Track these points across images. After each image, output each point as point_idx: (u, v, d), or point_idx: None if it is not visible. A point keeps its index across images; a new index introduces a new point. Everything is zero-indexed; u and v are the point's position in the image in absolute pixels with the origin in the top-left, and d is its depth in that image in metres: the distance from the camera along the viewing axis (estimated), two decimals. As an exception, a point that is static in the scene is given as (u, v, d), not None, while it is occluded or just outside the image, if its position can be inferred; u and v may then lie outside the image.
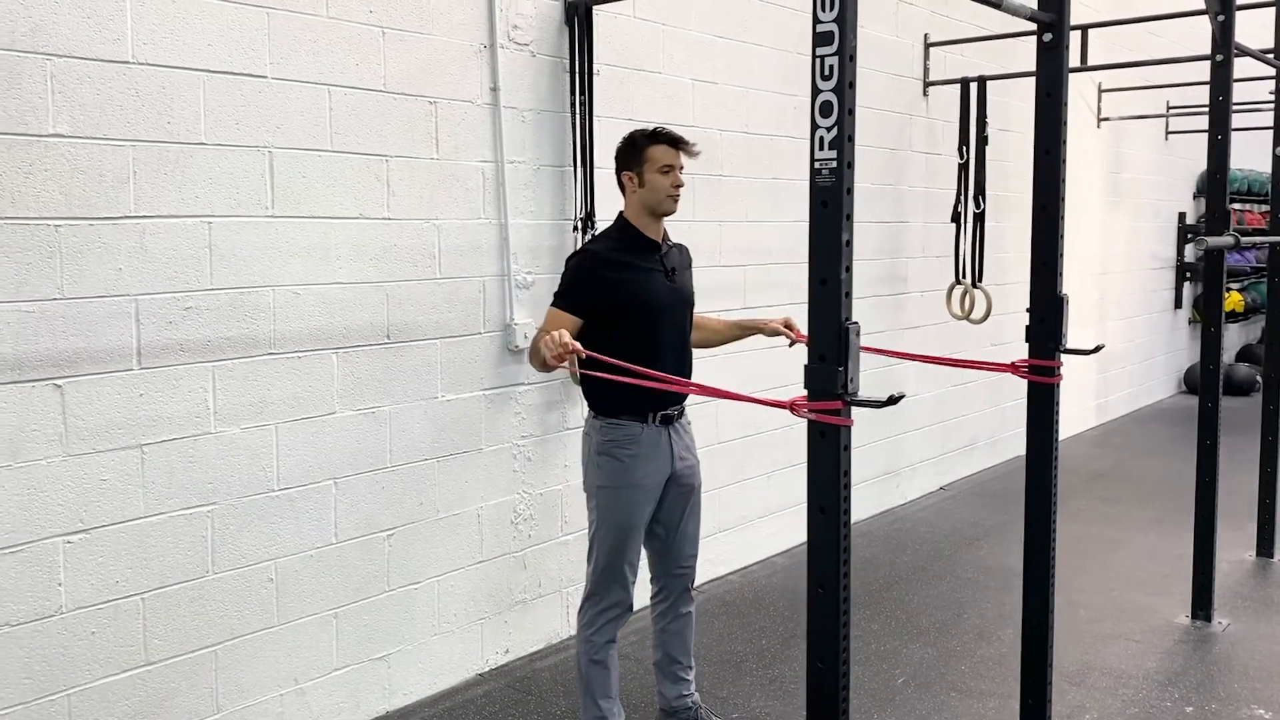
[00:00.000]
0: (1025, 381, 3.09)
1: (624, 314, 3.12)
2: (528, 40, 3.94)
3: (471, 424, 3.84)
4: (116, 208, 2.88)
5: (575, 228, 4.04)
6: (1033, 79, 3.08)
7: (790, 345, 3.50)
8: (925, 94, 6.29)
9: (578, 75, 4.02)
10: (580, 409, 4.23)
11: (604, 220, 4.01)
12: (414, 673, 3.74)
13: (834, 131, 2.19)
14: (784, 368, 2.59)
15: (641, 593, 3.40)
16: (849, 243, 2.22)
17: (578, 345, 2.89)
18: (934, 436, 6.60)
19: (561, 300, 3.12)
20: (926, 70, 6.27)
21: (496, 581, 3.99)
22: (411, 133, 3.59)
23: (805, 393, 2.25)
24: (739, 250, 4.94)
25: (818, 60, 2.20)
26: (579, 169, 4.04)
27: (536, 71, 3.98)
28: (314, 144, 3.32)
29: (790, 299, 4.93)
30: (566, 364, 2.96)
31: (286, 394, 3.30)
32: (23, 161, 2.71)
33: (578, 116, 4.02)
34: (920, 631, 4.36)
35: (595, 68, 4.08)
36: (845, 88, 2.18)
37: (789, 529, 5.41)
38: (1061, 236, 3.03)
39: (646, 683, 3.78)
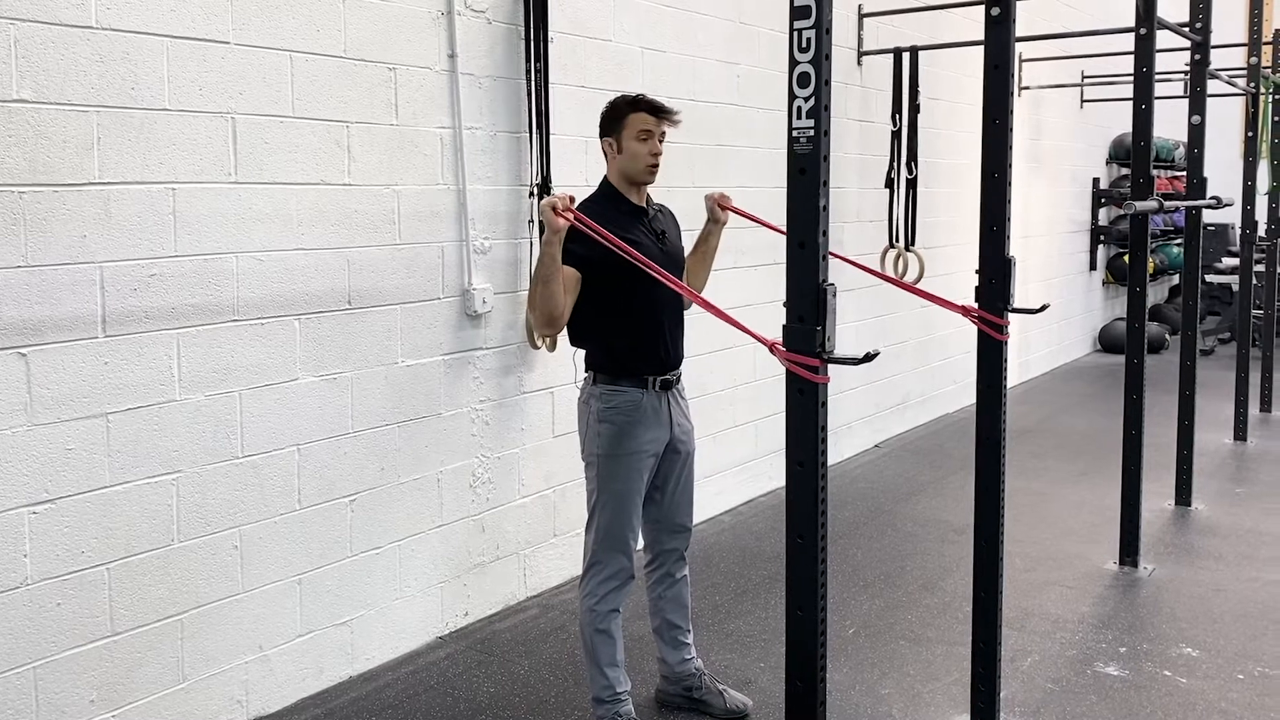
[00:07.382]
0: (953, 342, 3.20)
1: (619, 275, 3.02)
2: (484, 7, 3.94)
3: (431, 389, 3.87)
4: (81, 174, 2.84)
5: (531, 194, 4.06)
6: (958, 50, 3.18)
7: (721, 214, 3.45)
8: (859, 63, 6.40)
9: (532, 42, 4.03)
10: (537, 373, 4.28)
11: (558, 185, 4.06)
12: (376, 637, 3.76)
13: (811, 101, 2.26)
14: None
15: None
16: (825, 207, 2.29)
17: (565, 198, 2.88)
18: (868, 396, 6.77)
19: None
20: (861, 40, 6.38)
21: (455, 545, 4.03)
22: (371, 99, 3.58)
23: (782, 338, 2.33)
24: (684, 213, 5.01)
25: (795, 33, 2.26)
26: (534, 135, 4.06)
27: (492, 39, 3.98)
28: (276, 110, 3.29)
29: (734, 263, 5.01)
30: (564, 220, 2.88)
31: (250, 361, 3.29)
32: (-14, 127, 2.66)
33: (533, 83, 4.04)
34: (867, 584, 4.51)
35: (550, 35, 4.10)
36: (822, 59, 2.25)
37: (734, 488, 5.54)
38: (1009, 202, 3.14)
39: (649, 651, 3.68)
